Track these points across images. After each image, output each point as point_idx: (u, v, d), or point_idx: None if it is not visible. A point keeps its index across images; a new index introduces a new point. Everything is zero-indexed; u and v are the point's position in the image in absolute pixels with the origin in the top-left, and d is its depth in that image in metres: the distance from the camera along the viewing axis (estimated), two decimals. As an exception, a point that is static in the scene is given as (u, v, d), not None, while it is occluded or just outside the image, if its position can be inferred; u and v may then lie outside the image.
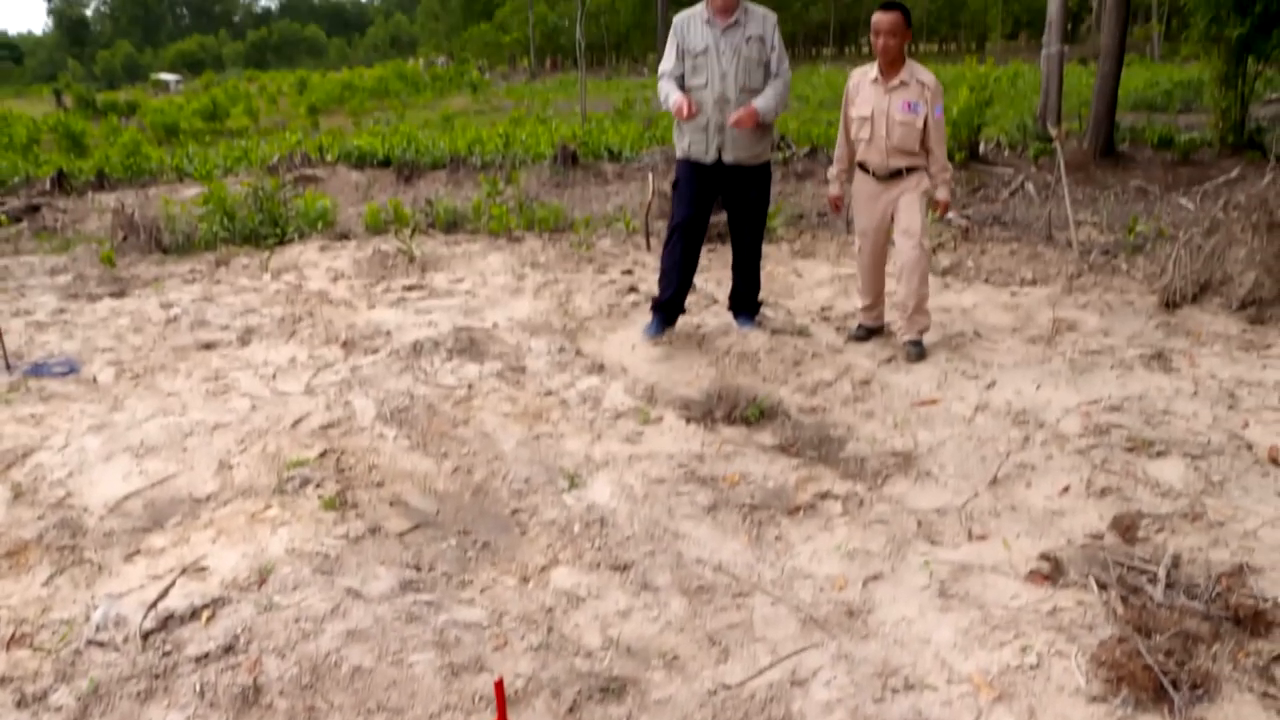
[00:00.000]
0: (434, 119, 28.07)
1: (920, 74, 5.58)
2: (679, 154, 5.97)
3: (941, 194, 5.73)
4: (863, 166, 5.82)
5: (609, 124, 21.23)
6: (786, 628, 3.20)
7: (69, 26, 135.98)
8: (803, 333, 6.26)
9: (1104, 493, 4.03)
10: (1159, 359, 5.57)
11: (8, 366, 6.12)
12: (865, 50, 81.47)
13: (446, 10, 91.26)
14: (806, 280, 7.88)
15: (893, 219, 5.81)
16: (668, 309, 6.13)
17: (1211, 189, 10.57)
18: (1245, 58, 12.90)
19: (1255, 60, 13.00)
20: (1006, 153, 14.27)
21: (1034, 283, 7.51)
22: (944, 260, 8.16)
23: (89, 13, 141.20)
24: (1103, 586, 3.30)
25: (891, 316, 6.26)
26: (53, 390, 5.72)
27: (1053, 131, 10.30)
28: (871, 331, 6.16)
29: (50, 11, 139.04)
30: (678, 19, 5.83)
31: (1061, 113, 14.64)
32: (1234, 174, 10.97)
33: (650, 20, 65.03)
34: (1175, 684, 2.77)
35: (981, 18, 74.01)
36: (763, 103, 5.64)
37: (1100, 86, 12.91)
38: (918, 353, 5.76)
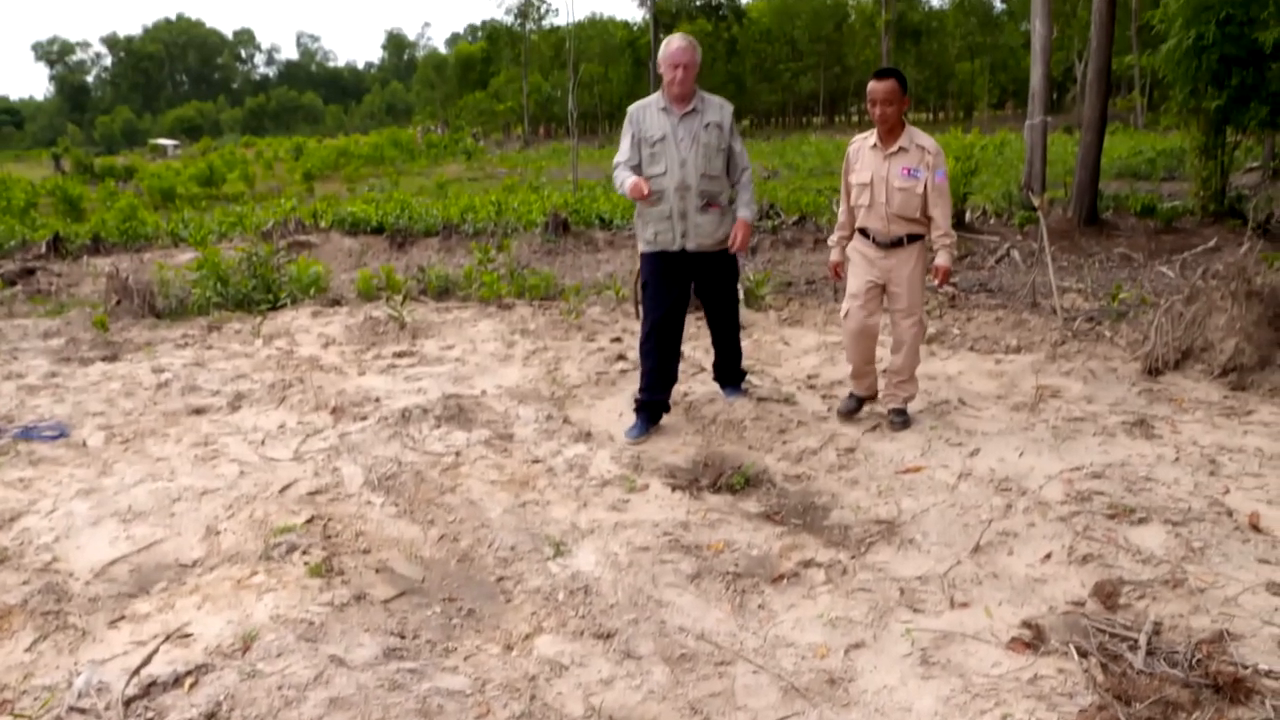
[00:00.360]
0: (428, 186, 28.37)
1: (920, 139, 5.49)
2: (643, 247, 5.85)
3: (941, 259, 5.55)
4: (863, 232, 5.70)
5: (600, 192, 21.46)
6: (768, 696, 3.21)
7: (70, 92, 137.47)
8: (789, 400, 6.32)
9: (1085, 560, 4.07)
10: (1141, 426, 5.63)
11: (-3, 431, 6.14)
12: (856, 119, 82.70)
13: (442, 79, 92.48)
14: (793, 348, 7.95)
15: (885, 291, 5.68)
16: (651, 409, 5.92)
17: (1191, 257, 10.73)
18: (1224, 128, 13.16)
19: (1234, 130, 13.26)
20: (993, 221, 14.48)
21: (1018, 350, 7.59)
22: (931, 327, 8.24)
23: (90, 79, 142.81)
24: (1083, 654, 3.32)
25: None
26: (42, 454, 5.74)
27: (1035, 201, 10.49)
28: (862, 401, 6.00)
29: (52, 78, 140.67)
30: (632, 109, 5.79)
31: (1046, 181, 14.88)
32: (1212, 243, 11.14)
33: (642, 90, 65.96)
34: (1152, 753, 2.80)
35: (969, 88, 75.32)
36: (747, 212, 5.77)
37: (1083, 156, 13.14)
38: (902, 422, 5.74)
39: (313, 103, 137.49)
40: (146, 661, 3.36)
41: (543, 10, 67.12)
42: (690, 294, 5.92)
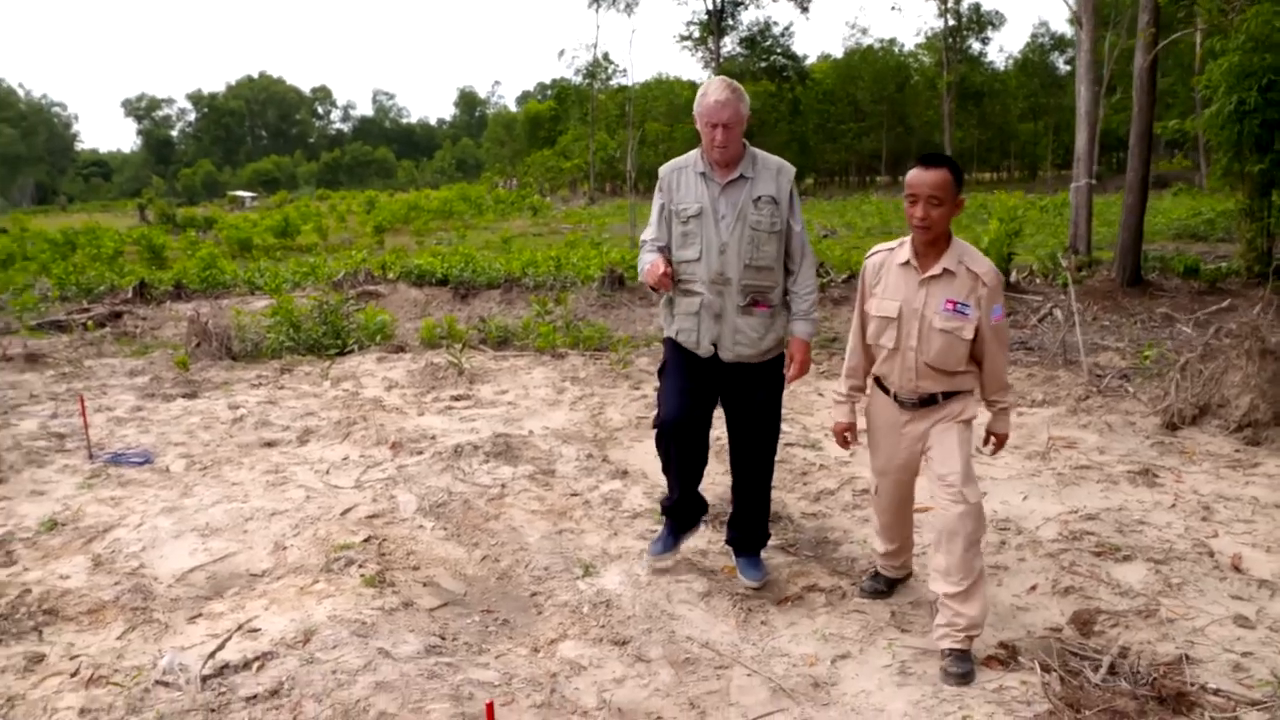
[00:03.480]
0: (494, 240, 29.18)
1: (974, 261, 3.89)
2: (668, 331, 4.63)
3: (1000, 424, 4.12)
4: (881, 383, 4.18)
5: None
6: (758, 695, 3.63)
7: (155, 146, 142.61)
8: (814, 446, 6.73)
9: (1068, 591, 4.43)
10: (1145, 475, 5.96)
11: (91, 456, 6.79)
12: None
13: (511, 136, 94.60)
14: (827, 399, 8.35)
15: (924, 455, 4.10)
16: (678, 515, 4.82)
17: (1204, 315, 10.99)
18: (1270, 191, 13.39)
19: (1278, 193, 13.48)
20: (1038, 280, 14.77)
21: (1043, 404, 7.93)
22: (959, 382, 8.61)
23: (174, 133, 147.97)
24: (1046, 670, 3.69)
25: (922, 573, 4.62)
26: (130, 477, 6.35)
27: (1064, 262, 10.80)
28: (893, 583, 4.56)
29: (139, 132, 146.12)
30: (664, 171, 4.54)
31: (1092, 242, 15.16)
32: (1225, 303, 11.40)
33: (707, 147, 66.93)
34: (1092, 750, 3.16)
35: (1031, 148, 75.32)
36: (806, 326, 4.49)
37: (1126, 218, 13.44)
38: (961, 672, 3.73)
39: (386, 157, 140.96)
40: (220, 648, 3.89)
41: (610, 70, 68.56)
42: (715, 403, 4.64)
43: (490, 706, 2.40)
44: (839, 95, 74.03)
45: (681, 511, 4.80)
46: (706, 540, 5.15)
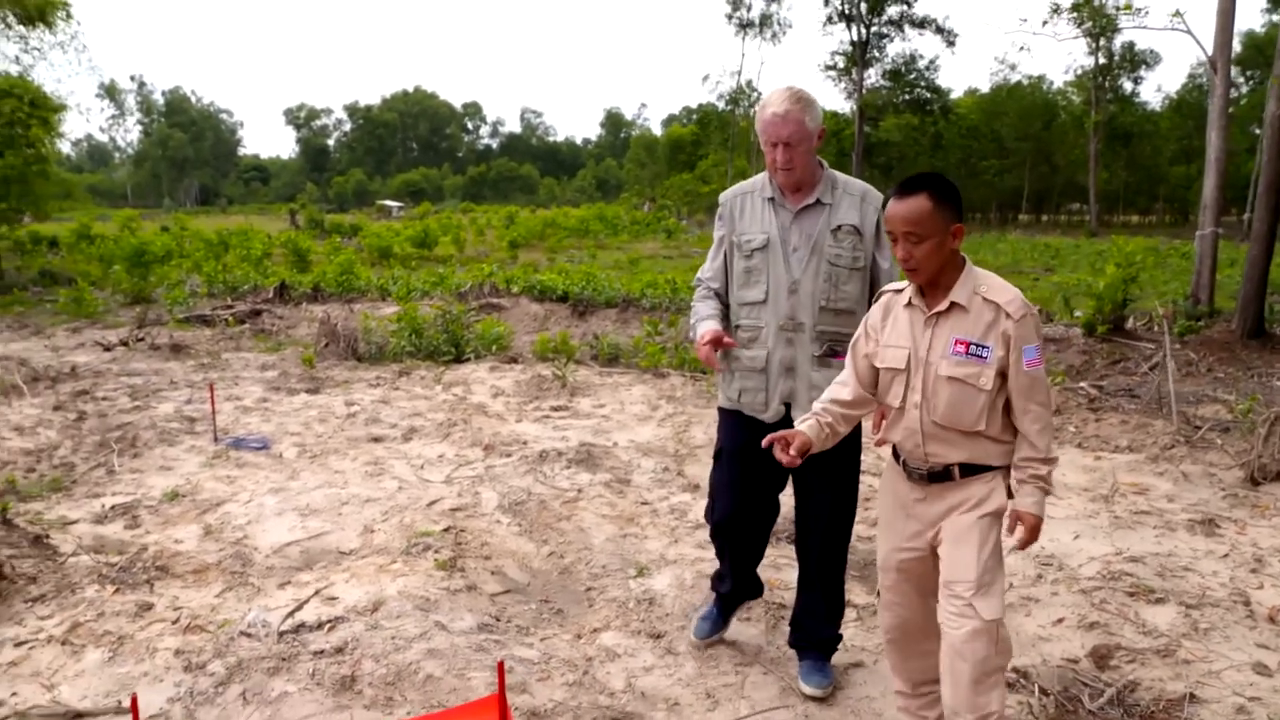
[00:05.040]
0: (623, 260, 29.83)
1: (992, 290, 3.05)
2: (722, 401, 4.02)
3: (1028, 503, 3.07)
4: (896, 451, 3.34)
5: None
6: (769, 691, 3.95)
7: (312, 154, 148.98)
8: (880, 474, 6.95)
9: (1092, 626, 4.60)
10: (1206, 524, 6.03)
11: (215, 439, 7.47)
12: (1064, 218, 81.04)
13: (652, 158, 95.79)
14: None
15: (935, 551, 3.22)
16: (730, 597, 4.34)
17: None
18: None
19: None
20: (1155, 328, 14.56)
21: (1126, 450, 7.98)
22: (1044, 424, 8.68)
23: (330, 142, 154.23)
24: (1045, 693, 3.91)
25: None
26: (246, 460, 6.99)
27: (1160, 310, 10.71)
28: None
29: (298, 140, 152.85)
30: (725, 196, 3.98)
31: (1214, 291, 14.89)
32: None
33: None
34: (1070, 766, 3.38)
35: (1183, 192, 72.85)
36: None
37: (1250, 270, 13.18)
38: None
39: (530, 174, 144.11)
40: (298, 609, 4.40)
41: (753, 97, 68.92)
42: (786, 478, 4.02)
43: (500, 665, 2.77)
44: (983, 131, 72.98)
45: (734, 595, 4.31)
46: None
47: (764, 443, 3.25)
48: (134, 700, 2.60)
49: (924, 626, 3.32)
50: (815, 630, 4.05)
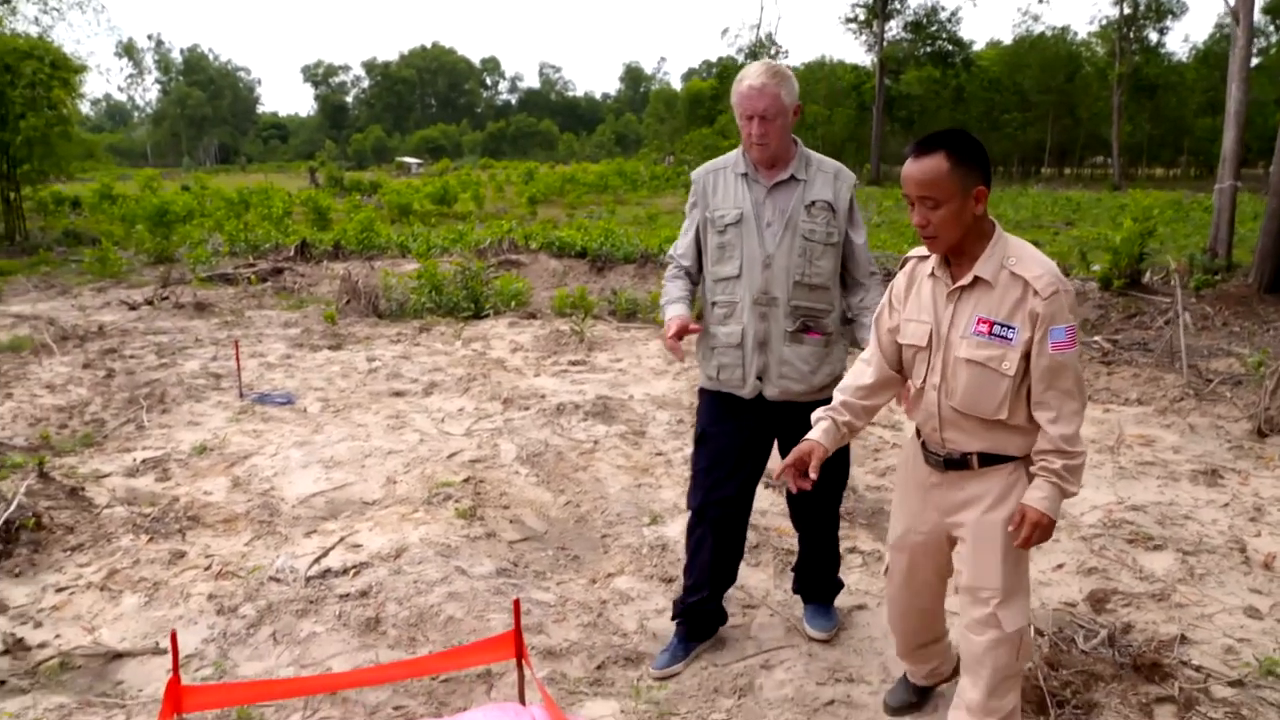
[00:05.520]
0: (641, 216, 29.84)
1: (1024, 264, 2.74)
2: (703, 381, 3.96)
3: (1035, 497, 2.75)
4: (918, 429, 3.12)
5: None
6: (775, 633, 4.12)
7: (330, 111, 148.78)
8: (894, 427, 7.10)
9: (1090, 572, 4.74)
10: (1209, 475, 6.14)
11: (241, 394, 7.67)
12: (1088, 172, 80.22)
13: (672, 113, 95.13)
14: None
15: (951, 544, 3.11)
16: (691, 618, 3.99)
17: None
18: None
19: None
20: (1172, 282, 14.57)
21: (1136, 403, 8.07)
22: (1056, 377, 8.77)
23: (349, 99, 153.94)
24: (1040, 634, 4.05)
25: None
26: (272, 415, 7.19)
27: (1171, 264, 10.74)
28: (925, 692, 3.61)
29: (316, 97, 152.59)
30: (698, 173, 3.89)
31: (1232, 245, 14.86)
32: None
33: (865, 134, 66.36)
34: (1060, 704, 3.54)
35: (1208, 145, 72.02)
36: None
37: (1267, 223, 13.16)
38: None
39: (549, 130, 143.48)
40: (324, 555, 4.60)
41: (773, 51, 68.32)
42: (765, 464, 3.96)
43: (516, 603, 2.93)
44: (1005, 84, 72.11)
45: (699, 618, 4.02)
46: (770, 502, 5.60)
47: (775, 475, 3.21)
48: (173, 636, 2.77)
49: (928, 610, 3.27)
50: (817, 579, 4.19)
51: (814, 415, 3.14)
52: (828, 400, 3.29)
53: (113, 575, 4.58)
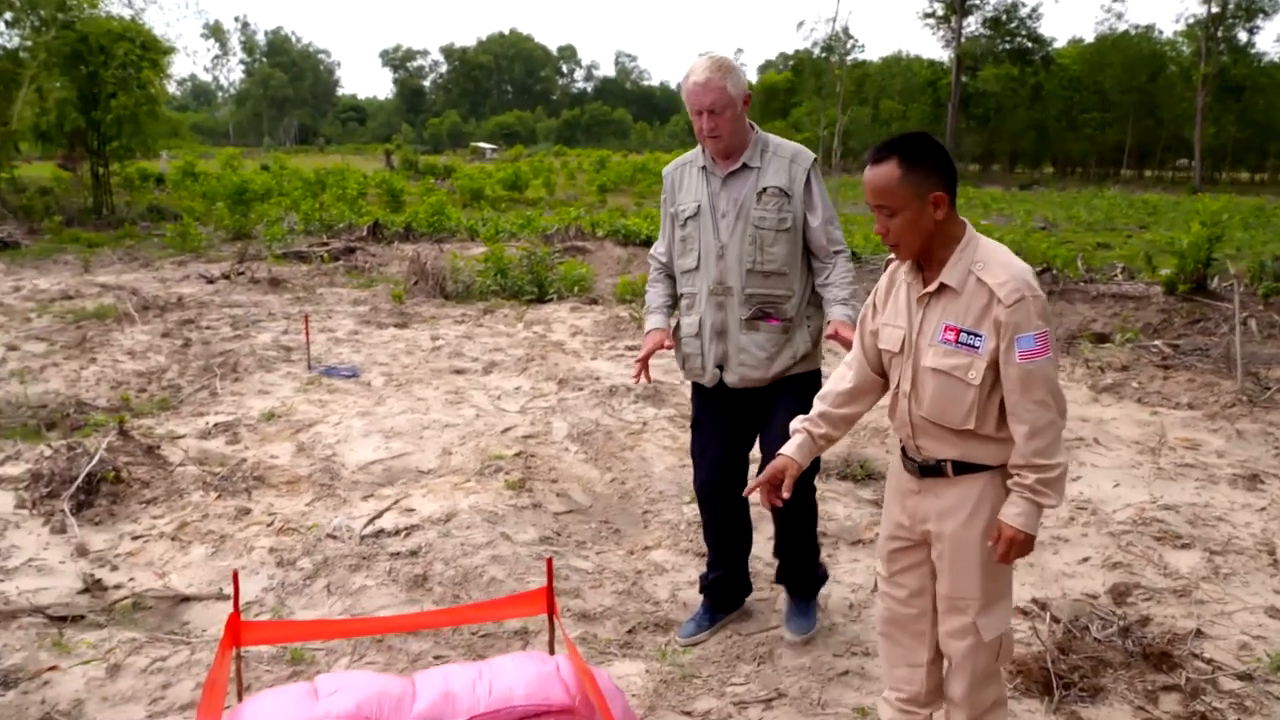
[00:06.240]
0: (709, 206, 29.94)
1: (990, 269, 2.65)
2: (683, 373, 4.10)
3: (1009, 513, 2.68)
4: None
5: (860, 227, 22.30)
6: (801, 606, 4.30)
7: (408, 95, 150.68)
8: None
9: (1115, 566, 4.86)
10: (1250, 479, 6.18)
11: (309, 366, 8.03)
12: (1170, 175, 78.55)
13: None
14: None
15: (927, 542, 2.93)
16: (714, 593, 4.17)
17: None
18: None
19: None
20: (1242, 289, 14.39)
21: (1188, 407, 8.09)
22: (1107, 379, 8.82)
23: (426, 84, 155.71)
24: (1056, 620, 4.20)
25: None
26: (337, 386, 7.53)
27: (1232, 270, 10.67)
28: None
29: (394, 81, 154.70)
30: (667, 170, 3.99)
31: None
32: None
33: (939, 131, 65.61)
34: (1066, 686, 3.69)
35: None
36: (845, 310, 3.69)
37: (1341, 233, 12.97)
38: None
39: (623, 118, 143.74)
40: (378, 516, 4.90)
41: (849, 45, 67.93)
42: (750, 446, 4.06)
43: (549, 561, 3.16)
44: (1085, 83, 70.90)
45: (722, 591, 4.17)
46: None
47: (745, 493, 3.23)
48: (235, 576, 3.04)
49: (914, 625, 3.02)
50: (792, 569, 4.11)
51: (791, 426, 3.07)
52: (794, 382, 3.66)
53: (183, 527, 4.92)
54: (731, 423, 3.93)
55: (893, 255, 2.89)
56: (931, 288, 2.71)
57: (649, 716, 3.43)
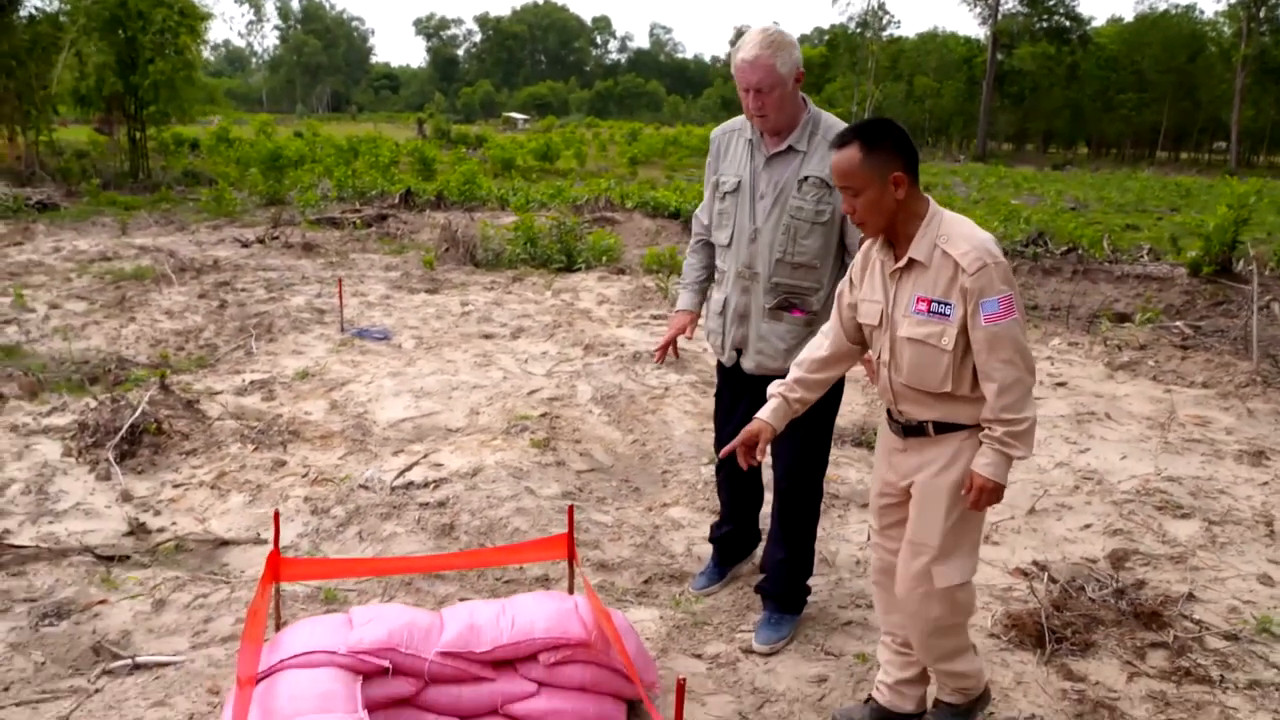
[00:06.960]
0: (739, 180, 30.00)
1: (952, 241, 2.85)
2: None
3: (980, 463, 2.87)
4: None
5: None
6: (809, 561, 4.50)
7: (441, 64, 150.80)
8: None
9: (1115, 533, 5.02)
10: (1255, 455, 6.32)
11: (342, 328, 8.28)
12: (1206, 158, 77.64)
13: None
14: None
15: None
16: (722, 545, 4.30)
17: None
18: None
19: None
20: (1267, 272, 14.39)
21: (1202, 386, 8.21)
22: (1124, 356, 8.93)
23: (460, 53, 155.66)
24: (1054, 581, 4.38)
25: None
26: (369, 348, 7.78)
27: (1250, 251, 10.71)
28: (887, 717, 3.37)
29: (428, 49, 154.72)
30: (715, 133, 3.90)
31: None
32: None
33: (973, 109, 65.23)
34: (1059, 640, 3.87)
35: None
36: None
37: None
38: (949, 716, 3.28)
39: (656, 91, 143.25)
40: (408, 470, 5.14)
41: (885, 21, 67.51)
42: None
43: (570, 509, 3.37)
44: (1122, 62, 70.09)
45: (730, 543, 4.31)
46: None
47: (722, 454, 3.33)
48: (275, 515, 3.27)
49: (893, 571, 3.19)
50: (777, 578, 3.96)
51: (768, 390, 3.18)
52: None
53: (222, 476, 5.17)
54: (746, 404, 3.65)
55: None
56: (901, 263, 2.91)
57: (661, 658, 3.64)
